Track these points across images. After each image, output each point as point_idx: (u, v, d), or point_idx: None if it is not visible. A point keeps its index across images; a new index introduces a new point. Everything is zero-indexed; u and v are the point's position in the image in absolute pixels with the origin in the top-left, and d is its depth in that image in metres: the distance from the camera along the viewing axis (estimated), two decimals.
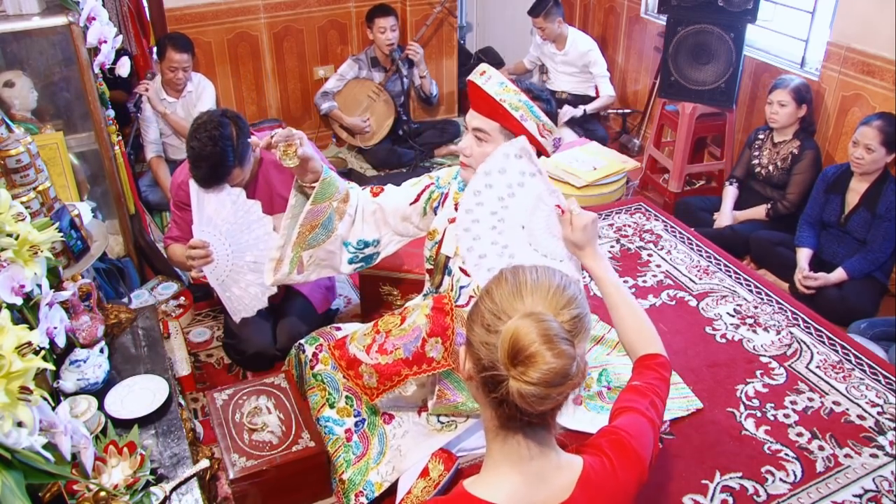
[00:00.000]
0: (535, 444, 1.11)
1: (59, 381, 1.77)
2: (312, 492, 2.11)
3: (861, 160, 2.97)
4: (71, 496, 1.44)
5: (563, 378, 1.02)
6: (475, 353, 1.09)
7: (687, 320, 2.90)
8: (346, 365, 2.02)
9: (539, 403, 1.02)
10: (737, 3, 3.51)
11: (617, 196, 3.93)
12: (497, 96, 1.76)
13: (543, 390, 1.01)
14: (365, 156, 4.47)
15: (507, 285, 1.10)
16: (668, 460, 2.26)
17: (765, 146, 3.49)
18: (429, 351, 1.90)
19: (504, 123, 1.80)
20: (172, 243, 2.57)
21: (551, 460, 1.13)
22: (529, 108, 1.77)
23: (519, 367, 1.02)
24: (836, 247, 3.13)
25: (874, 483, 2.19)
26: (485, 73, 1.81)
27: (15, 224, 1.41)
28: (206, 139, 2.15)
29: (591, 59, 4.42)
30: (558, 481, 1.13)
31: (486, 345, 1.06)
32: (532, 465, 1.11)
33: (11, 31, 2.40)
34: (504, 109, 1.77)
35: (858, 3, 3.25)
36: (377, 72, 4.35)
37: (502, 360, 1.03)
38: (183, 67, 3.51)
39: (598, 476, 1.15)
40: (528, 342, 1.01)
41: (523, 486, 1.10)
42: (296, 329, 2.53)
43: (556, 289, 1.09)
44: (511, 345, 1.02)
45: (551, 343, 1.01)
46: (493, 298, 1.09)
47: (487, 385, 1.06)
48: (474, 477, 1.15)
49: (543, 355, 1.01)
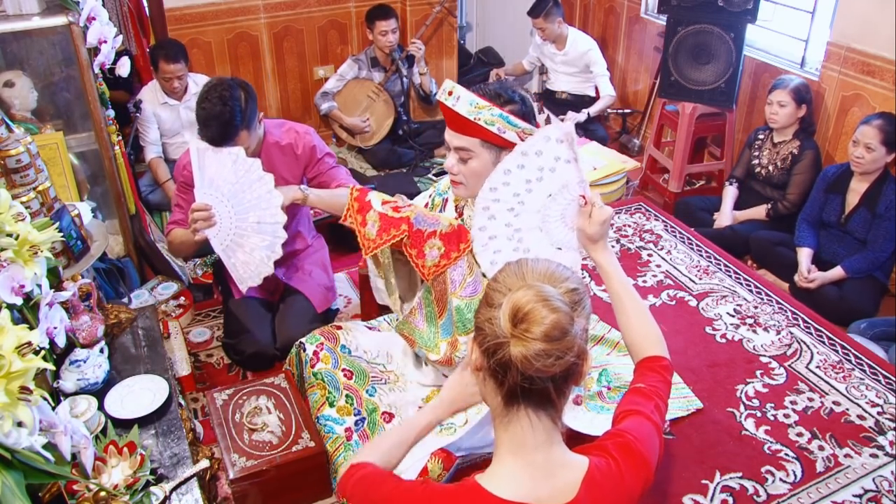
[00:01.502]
0: (541, 430, 1.12)
1: (59, 381, 1.77)
2: (312, 492, 2.11)
3: (861, 159, 2.97)
4: (71, 496, 1.44)
5: (562, 333, 1.06)
6: (481, 335, 1.13)
7: (687, 320, 2.91)
8: (357, 207, 2.00)
9: (541, 361, 1.05)
10: (737, 3, 3.51)
11: (617, 196, 3.93)
12: (471, 116, 1.74)
13: (545, 346, 1.05)
14: (365, 156, 4.47)
15: (510, 270, 1.17)
16: (668, 460, 2.26)
17: (764, 146, 3.49)
18: (428, 247, 1.91)
19: (484, 138, 1.79)
20: (174, 228, 2.53)
21: (556, 455, 1.14)
22: (506, 120, 1.74)
23: (519, 326, 1.07)
24: (836, 247, 3.13)
25: (874, 483, 2.19)
26: (452, 92, 1.77)
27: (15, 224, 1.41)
28: (217, 99, 2.21)
29: (590, 59, 4.42)
30: (563, 478, 1.13)
31: (489, 321, 1.10)
32: (536, 456, 1.12)
33: (11, 31, 2.39)
34: (480, 127, 1.75)
35: (858, 3, 3.25)
36: (377, 72, 4.35)
37: (505, 327, 1.07)
38: (177, 76, 3.50)
39: (604, 477, 1.16)
40: (526, 302, 1.07)
41: (529, 480, 1.12)
42: (296, 328, 2.53)
43: (555, 270, 1.16)
44: (512, 310, 1.08)
45: (547, 301, 1.07)
46: (496, 279, 1.16)
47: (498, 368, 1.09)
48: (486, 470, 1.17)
49: (540, 310, 1.06)
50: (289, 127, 2.55)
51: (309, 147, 2.52)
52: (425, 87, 4.45)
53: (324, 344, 2.23)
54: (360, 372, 2.24)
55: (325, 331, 2.30)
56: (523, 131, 1.76)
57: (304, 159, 2.53)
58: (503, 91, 1.81)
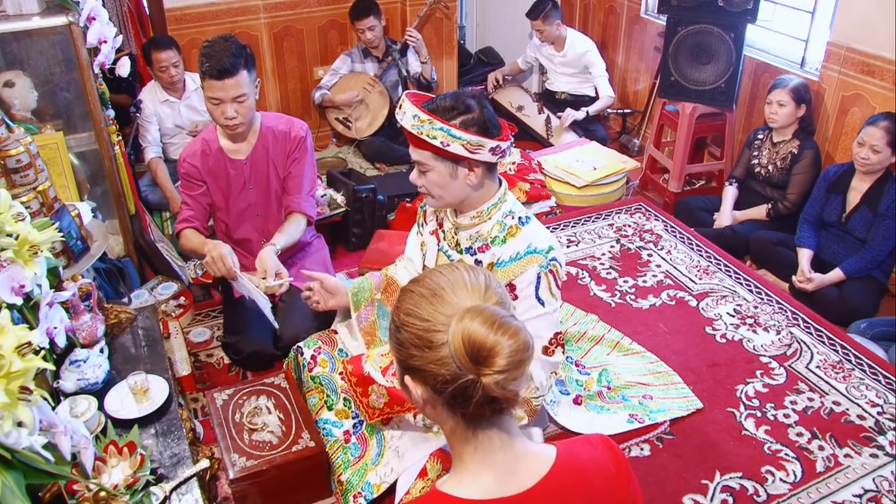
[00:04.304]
0: (505, 433, 1.12)
1: (59, 381, 1.77)
2: (312, 492, 2.11)
3: (867, 160, 2.96)
4: (71, 496, 1.44)
5: (525, 352, 1.04)
6: (425, 377, 1.07)
7: (687, 320, 2.91)
8: (356, 381, 2.01)
9: (515, 385, 1.04)
10: (737, 3, 3.51)
11: (617, 196, 3.93)
12: (414, 130, 1.76)
13: (514, 372, 1.03)
14: (360, 147, 4.49)
15: (423, 300, 1.08)
16: (668, 460, 2.26)
17: (764, 146, 3.49)
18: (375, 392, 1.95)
19: (434, 151, 1.79)
20: (186, 227, 2.56)
21: (517, 448, 1.13)
22: (447, 132, 1.73)
23: (484, 364, 1.02)
24: (836, 246, 3.13)
25: (874, 483, 2.19)
26: (401, 107, 1.79)
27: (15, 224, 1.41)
28: (220, 39, 2.33)
29: (589, 61, 4.42)
30: (527, 469, 1.12)
31: (436, 362, 1.04)
32: (499, 456, 1.11)
33: (11, 31, 2.39)
34: (424, 141, 1.76)
35: (858, 3, 3.25)
36: (370, 62, 4.36)
37: (464, 365, 1.02)
38: (172, 64, 3.51)
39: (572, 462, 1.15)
40: (482, 337, 1.02)
41: (493, 481, 1.10)
42: (298, 327, 2.53)
43: (471, 279, 1.10)
44: (467, 347, 1.02)
45: (502, 327, 1.02)
46: (418, 317, 1.07)
47: (457, 397, 1.05)
48: (445, 477, 1.16)
49: (500, 341, 1.02)
50: (287, 119, 2.61)
51: (299, 138, 2.58)
52: (426, 75, 4.44)
53: (321, 348, 2.24)
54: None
55: (322, 335, 2.31)
56: (469, 143, 1.75)
57: (291, 147, 2.58)
58: (459, 102, 1.79)
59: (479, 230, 1.94)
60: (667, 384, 2.53)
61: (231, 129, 2.43)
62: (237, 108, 2.37)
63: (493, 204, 1.92)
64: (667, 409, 2.42)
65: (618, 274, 3.20)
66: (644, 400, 2.44)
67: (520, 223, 1.91)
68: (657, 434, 2.35)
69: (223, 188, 2.59)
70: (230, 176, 2.56)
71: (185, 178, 2.57)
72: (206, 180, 2.56)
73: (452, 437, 1.14)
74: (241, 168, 2.55)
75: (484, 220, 1.93)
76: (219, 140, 2.54)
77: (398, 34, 4.47)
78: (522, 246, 1.87)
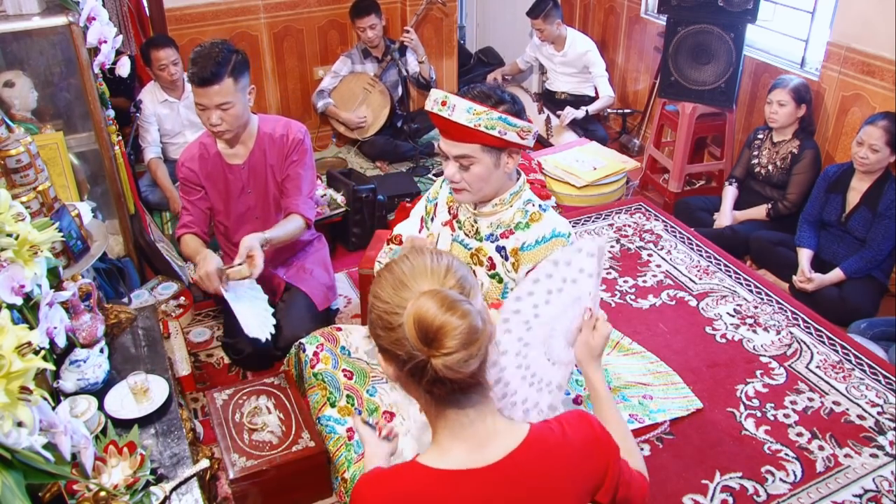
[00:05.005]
0: (472, 408, 1.16)
1: (59, 381, 1.77)
2: (312, 492, 2.11)
3: (866, 160, 2.96)
4: (71, 496, 1.44)
5: (475, 334, 1.08)
6: (390, 356, 1.14)
7: (687, 320, 2.91)
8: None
9: (465, 366, 1.08)
10: (737, 3, 3.51)
11: (617, 196, 3.93)
12: (471, 123, 1.72)
13: (464, 353, 1.07)
14: (362, 147, 4.49)
15: (387, 284, 1.15)
16: (668, 460, 2.26)
17: (764, 146, 3.49)
18: None
19: (485, 143, 1.78)
20: (185, 233, 2.55)
21: (488, 424, 1.18)
22: (505, 121, 1.73)
23: (433, 344, 1.07)
24: (836, 246, 3.13)
25: (874, 483, 2.19)
26: (446, 103, 1.75)
27: (15, 224, 1.40)
28: (210, 44, 2.31)
29: (589, 60, 4.42)
30: (499, 444, 1.17)
31: (396, 342, 1.11)
32: (470, 430, 1.16)
33: (11, 31, 2.39)
34: (482, 133, 1.74)
35: (858, 3, 3.25)
36: (370, 62, 4.37)
37: (416, 346, 1.08)
38: (171, 62, 3.51)
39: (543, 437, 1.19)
40: (431, 317, 1.07)
41: (464, 454, 1.16)
42: (298, 327, 2.53)
43: (432, 264, 1.15)
44: (418, 328, 1.07)
45: (451, 308, 1.07)
46: (381, 299, 1.14)
47: (415, 375, 1.11)
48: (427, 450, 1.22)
49: (450, 321, 1.06)
50: (285, 122, 2.59)
51: (297, 140, 2.55)
52: (424, 74, 4.44)
53: (324, 345, 2.24)
54: (360, 372, 2.24)
55: (324, 332, 2.30)
56: (522, 129, 1.76)
57: (289, 149, 2.56)
58: (493, 93, 1.80)
59: (500, 217, 1.94)
60: (667, 384, 2.54)
61: (217, 135, 2.42)
62: (221, 116, 2.34)
63: (515, 192, 1.92)
64: (667, 409, 2.42)
65: (618, 274, 3.20)
66: (644, 400, 2.44)
67: (541, 209, 1.92)
68: (657, 434, 2.35)
69: (221, 193, 2.58)
70: (228, 181, 2.55)
71: (183, 182, 2.57)
72: (205, 185, 2.55)
73: (426, 413, 1.20)
74: (238, 173, 2.54)
75: (506, 207, 1.92)
76: (216, 144, 2.53)
77: (398, 34, 4.47)
78: (548, 230, 1.88)
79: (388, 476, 1.19)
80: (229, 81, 2.30)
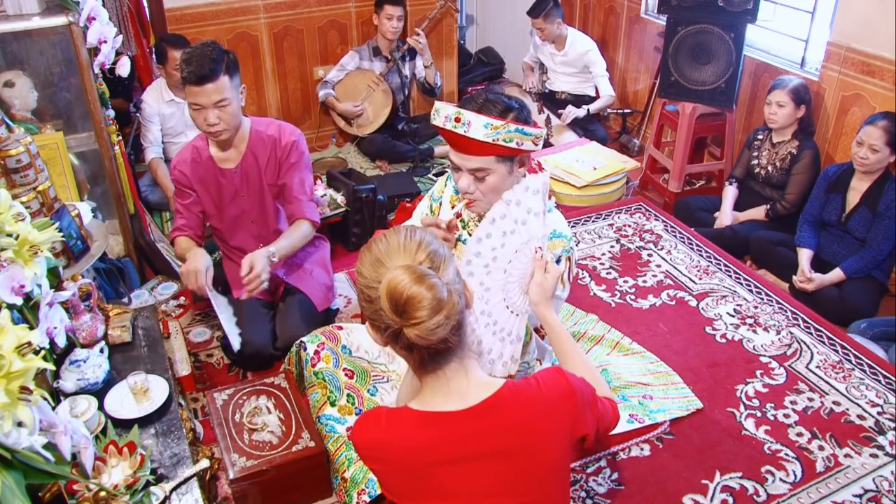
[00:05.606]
0: (448, 367, 1.29)
1: (59, 381, 1.77)
2: (312, 492, 2.11)
3: (866, 160, 2.96)
4: (71, 496, 1.44)
5: (441, 300, 1.19)
6: (373, 324, 1.27)
7: (687, 320, 2.91)
8: None
9: (433, 334, 1.20)
10: (737, 3, 3.51)
11: (617, 196, 3.93)
12: (489, 139, 1.70)
13: (432, 322, 1.19)
14: (361, 145, 4.48)
15: (367, 261, 1.27)
16: (668, 460, 2.26)
17: (764, 146, 3.49)
18: None
19: (501, 154, 1.77)
20: (178, 235, 2.56)
21: (470, 378, 1.30)
22: (522, 132, 1.72)
23: (404, 315, 1.19)
24: (836, 246, 3.13)
25: (874, 483, 2.19)
26: (460, 119, 1.72)
27: (15, 224, 1.41)
28: (201, 45, 2.32)
29: (589, 60, 4.42)
30: (475, 393, 1.29)
31: (375, 313, 1.24)
32: (448, 387, 1.29)
33: (11, 31, 2.40)
34: (500, 147, 1.73)
35: (858, 3, 3.25)
36: (378, 61, 4.36)
37: (391, 317, 1.20)
38: None
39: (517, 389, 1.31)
40: (401, 289, 1.18)
41: (442, 399, 1.30)
42: (297, 327, 2.53)
43: (405, 241, 1.26)
44: (390, 300, 1.19)
45: (419, 281, 1.18)
46: (362, 275, 1.27)
47: (395, 341, 1.24)
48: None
49: (418, 292, 1.17)
50: (277, 124, 2.58)
51: (290, 143, 2.54)
52: (430, 79, 4.44)
53: (325, 343, 2.23)
54: (361, 371, 2.24)
55: (326, 331, 2.31)
56: (537, 137, 1.76)
57: (283, 153, 2.54)
58: (499, 100, 1.79)
59: None
60: (667, 384, 2.54)
61: (214, 135, 2.40)
62: (219, 114, 2.33)
63: None
64: (667, 409, 2.42)
65: (618, 274, 3.20)
66: (644, 400, 2.44)
67: None
68: (657, 434, 2.35)
69: (214, 197, 2.57)
70: (221, 185, 2.54)
71: (176, 185, 2.56)
72: (197, 189, 2.54)
73: (413, 371, 1.34)
74: (231, 177, 2.53)
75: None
76: (209, 148, 2.52)
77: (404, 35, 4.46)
78: (549, 229, 1.88)
79: (382, 411, 1.34)
80: (225, 79, 2.31)
